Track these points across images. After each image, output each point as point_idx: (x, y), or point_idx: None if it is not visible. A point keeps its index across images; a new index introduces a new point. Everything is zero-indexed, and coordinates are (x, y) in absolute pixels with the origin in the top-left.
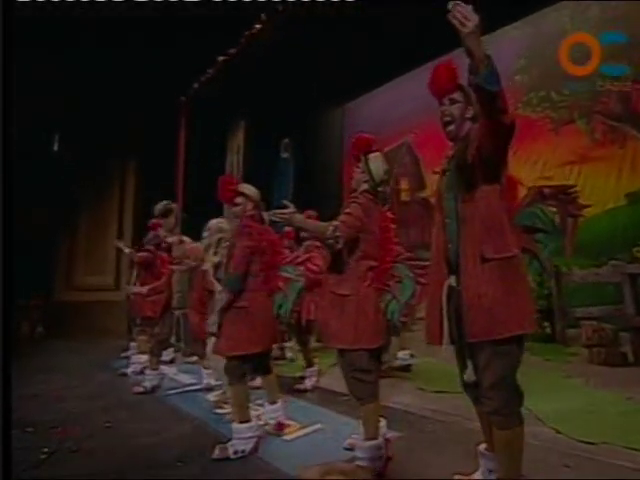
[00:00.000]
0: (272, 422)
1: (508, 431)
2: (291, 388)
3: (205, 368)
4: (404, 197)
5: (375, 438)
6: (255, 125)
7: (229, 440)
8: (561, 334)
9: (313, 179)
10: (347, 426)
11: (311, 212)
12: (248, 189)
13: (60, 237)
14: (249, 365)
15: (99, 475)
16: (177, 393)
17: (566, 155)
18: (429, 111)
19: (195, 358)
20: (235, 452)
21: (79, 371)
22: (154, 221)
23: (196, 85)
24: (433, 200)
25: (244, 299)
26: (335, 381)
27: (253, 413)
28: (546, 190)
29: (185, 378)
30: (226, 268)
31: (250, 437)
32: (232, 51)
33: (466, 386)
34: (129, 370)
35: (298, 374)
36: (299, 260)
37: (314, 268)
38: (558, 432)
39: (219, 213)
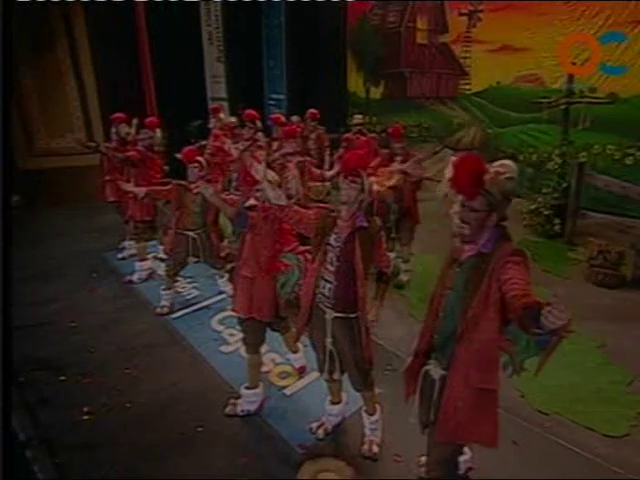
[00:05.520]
0: (297, 365)
1: None
2: None
3: (221, 277)
4: (420, 39)
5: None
6: None
7: (238, 398)
8: (569, 234)
9: None
10: None
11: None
12: None
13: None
14: (262, 332)
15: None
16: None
17: None
18: None
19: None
20: (242, 411)
21: (79, 275)
22: (152, 119)
23: None
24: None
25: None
26: None
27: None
28: None
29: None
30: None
31: (255, 400)
32: None
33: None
34: (135, 277)
35: None
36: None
37: None
38: (522, 396)
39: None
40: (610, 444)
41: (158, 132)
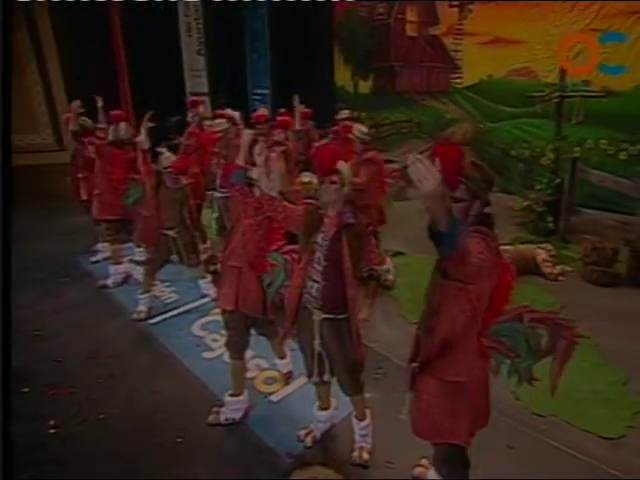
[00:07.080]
0: (284, 371)
1: None
2: None
3: (202, 278)
4: (410, 31)
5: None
6: None
7: (222, 406)
8: (563, 231)
9: None
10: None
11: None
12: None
13: None
14: (246, 334)
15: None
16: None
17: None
18: None
19: None
20: (226, 419)
21: (49, 279)
22: (117, 112)
23: None
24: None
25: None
26: None
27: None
28: (529, 315)
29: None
30: None
31: (240, 407)
32: None
33: None
34: (109, 281)
35: None
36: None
37: None
38: (517, 399)
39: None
40: (606, 446)
41: (122, 125)
